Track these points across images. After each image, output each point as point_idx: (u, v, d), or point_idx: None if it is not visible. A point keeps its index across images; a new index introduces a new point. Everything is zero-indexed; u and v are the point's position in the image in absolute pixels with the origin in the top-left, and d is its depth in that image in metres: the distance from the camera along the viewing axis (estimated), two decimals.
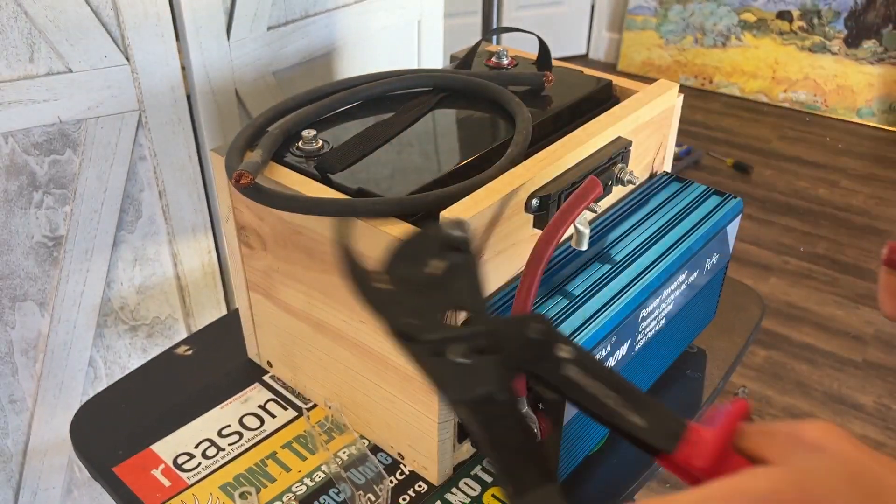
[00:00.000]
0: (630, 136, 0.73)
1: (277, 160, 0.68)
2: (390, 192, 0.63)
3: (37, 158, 0.98)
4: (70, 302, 1.08)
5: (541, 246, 0.56)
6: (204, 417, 0.77)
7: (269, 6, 1.12)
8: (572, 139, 0.68)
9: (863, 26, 2.78)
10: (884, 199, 2.48)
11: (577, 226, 0.66)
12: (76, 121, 0.99)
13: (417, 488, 0.70)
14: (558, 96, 0.79)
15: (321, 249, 0.66)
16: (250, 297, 0.78)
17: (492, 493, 0.70)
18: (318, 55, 1.22)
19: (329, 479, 0.70)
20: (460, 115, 0.77)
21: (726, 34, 3.02)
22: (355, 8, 1.23)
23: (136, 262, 1.13)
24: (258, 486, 0.70)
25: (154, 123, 1.05)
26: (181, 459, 0.73)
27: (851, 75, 2.83)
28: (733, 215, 0.78)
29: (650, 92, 0.77)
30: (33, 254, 1.03)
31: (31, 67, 0.94)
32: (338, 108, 0.76)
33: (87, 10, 0.95)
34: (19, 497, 1.16)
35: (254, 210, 0.70)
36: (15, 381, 1.08)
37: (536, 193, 0.64)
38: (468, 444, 0.72)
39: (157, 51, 1.02)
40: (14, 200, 0.98)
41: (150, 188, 1.09)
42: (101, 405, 0.80)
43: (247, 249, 0.75)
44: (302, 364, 0.77)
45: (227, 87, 1.11)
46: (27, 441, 1.13)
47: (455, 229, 0.39)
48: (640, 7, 3.15)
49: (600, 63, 3.37)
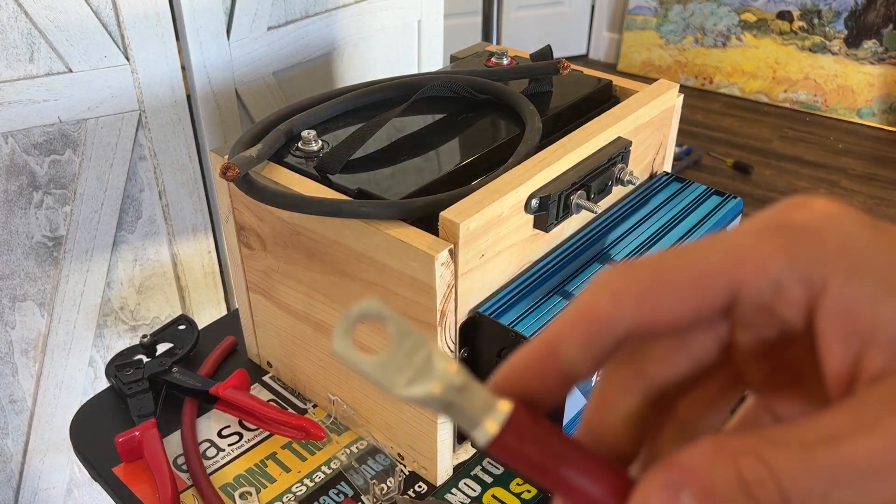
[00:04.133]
0: (630, 136, 0.73)
1: (278, 161, 0.68)
2: (390, 192, 0.63)
3: (37, 158, 0.98)
4: (70, 302, 1.08)
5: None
6: (204, 418, 0.77)
7: (269, 6, 1.12)
8: (572, 139, 0.68)
9: (863, 26, 2.78)
10: (884, 199, 2.48)
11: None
12: (76, 121, 0.99)
13: (417, 489, 0.70)
14: (558, 96, 0.79)
15: (321, 250, 0.66)
16: (250, 297, 0.78)
17: (492, 494, 0.70)
18: (318, 55, 1.22)
19: (329, 480, 0.70)
20: (465, 115, 0.77)
21: (726, 34, 3.02)
22: (355, 8, 1.23)
23: (136, 262, 1.13)
24: (258, 486, 0.70)
25: (154, 123, 1.05)
26: (181, 460, 0.73)
27: (852, 75, 2.83)
28: (733, 215, 0.78)
29: (650, 92, 0.77)
30: (33, 254, 1.03)
31: (31, 67, 0.94)
32: (346, 110, 0.76)
33: (87, 11, 0.95)
34: (19, 497, 1.16)
35: (253, 210, 0.70)
36: (15, 381, 1.08)
37: (536, 193, 0.64)
38: (468, 444, 0.72)
39: (157, 51, 1.02)
40: (14, 200, 0.98)
41: (150, 188, 1.09)
42: (101, 405, 0.80)
43: (246, 250, 0.74)
44: (302, 364, 0.77)
45: (227, 88, 1.11)
46: (27, 441, 1.13)
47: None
48: (640, 7, 3.15)
49: (600, 63, 3.37)
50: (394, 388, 0.21)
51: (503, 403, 0.21)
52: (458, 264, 0.58)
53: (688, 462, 0.19)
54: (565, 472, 0.21)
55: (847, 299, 0.19)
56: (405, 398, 0.21)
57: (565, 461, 0.21)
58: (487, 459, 0.73)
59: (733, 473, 0.18)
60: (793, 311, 0.20)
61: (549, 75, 0.79)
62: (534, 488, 0.70)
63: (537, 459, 0.21)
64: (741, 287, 0.20)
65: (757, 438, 0.19)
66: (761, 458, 0.18)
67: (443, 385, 0.21)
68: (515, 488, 0.70)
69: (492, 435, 0.21)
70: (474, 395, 0.21)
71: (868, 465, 0.17)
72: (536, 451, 0.21)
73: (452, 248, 0.57)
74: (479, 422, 0.21)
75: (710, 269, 0.20)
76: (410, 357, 0.22)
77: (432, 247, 0.57)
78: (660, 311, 0.21)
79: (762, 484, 0.18)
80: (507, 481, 0.71)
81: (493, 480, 0.71)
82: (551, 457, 0.21)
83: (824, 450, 0.18)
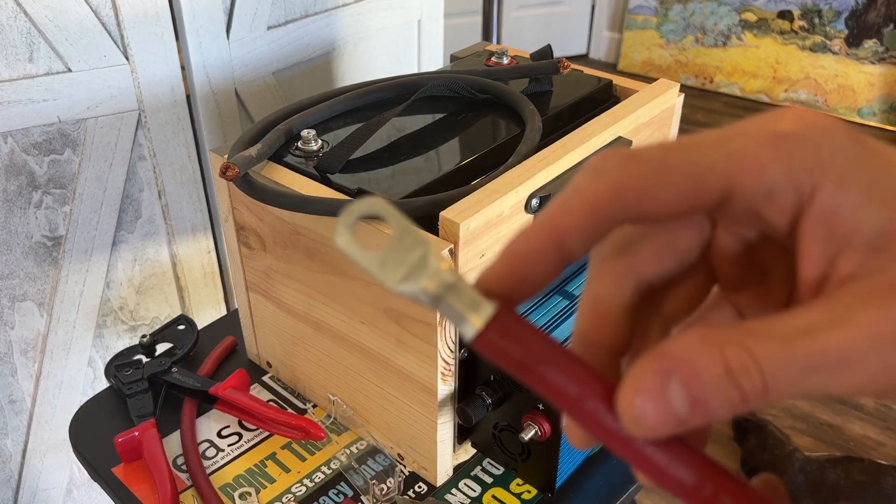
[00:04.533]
0: (630, 135, 0.73)
1: (278, 160, 0.68)
2: (390, 192, 0.63)
3: (36, 158, 0.98)
4: (69, 302, 1.08)
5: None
6: (203, 418, 0.77)
7: (268, 6, 1.12)
8: (572, 139, 0.68)
9: (864, 26, 2.77)
10: None
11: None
12: (75, 120, 0.99)
13: (417, 489, 0.70)
14: (559, 96, 0.78)
15: (321, 250, 0.66)
16: (250, 297, 0.78)
17: (492, 494, 0.69)
18: (318, 55, 1.21)
19: (328, 480, 0.70)
20: (465, 115, 0.76)
21: (727, 34, 3.01)
22: (355, 8, 1.23)
23: (136, 262, 1.13)
24: (258, 486, 0.70)
25: (153, 123, 1.05)
26: (180, 460, 0.72)
27: (852, 75, 2.83)
28: None
29: (650, 91, 0.77)
30: (33, 254, 1.03)
31: (31, 67, 0.94)
32: (345, 110, 0.76)
33: (87, 10, 0.94)
34: (19, 497, 1.16)
35: (253, 210, 0.70)
36: (14, 382, 1.08)
37: (537, 193, 0.63)
38: (468, 444, 0.72)
39: (157, 50, 1.02)
40: (13, 200, 0.98)
41: (150, 188, 1.09)
42: (100, 406, 0.80)
43: (246, 250, 0.74)
44: (302, 365, 0.77)
45: (227, 87, 1.11)
46: (26, 441, 1.13)
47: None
48: (640, 7, 3.15)
49: (601, 63, 3.37)
50: (389, 282, 0.23)
51: (489, 302, 0.23)
52: (459, 264, 0.58)
53: (676, 351, 0.20)
54: (544, 369, 0.22)
55: (832, 205, 0.21)
56: (399, 291, 0.23)
57: (545, 359, 0.22)
58: (487, 460, 0.72)
59: (719, 361, 0.19)
60: (780, 214, 0.21)
61: (549, 75, 0.79)
62: (534, 489, 0.70)
63: (517, 356, 0.22)
64: (736, 188, 0.21)
65: (741, 331, 0.20)
66: (745, 347, 0.19)
67: (435, 281, 0.23)
68: (516, 489, 0.70)
69: (477, 329, 0.22)
70: (463, 293, 0.23)
71: (840, 354, 0.19)
72: (517, 347, 0.22)
73: (452, 247, 0.57)
74: (466, 317, 0.23)
75: (711, 169, 0.21)
76: (407, 254, 0.23)
77: None
78: (659, 204, 0.22)
79: (746, 371, 0.19)
80: (507, 482, 0.71)
81: (493, 481, 0.71)
82: (531, 354, 0.22)
83: (803, 340, 0.19)
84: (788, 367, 0.19)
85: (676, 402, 0.20)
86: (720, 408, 0.20)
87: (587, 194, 0.22)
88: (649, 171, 0.21)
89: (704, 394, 0.19)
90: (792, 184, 0.21)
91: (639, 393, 0.20)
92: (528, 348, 0.22)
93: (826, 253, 0.21)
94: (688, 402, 0.20)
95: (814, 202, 0.21)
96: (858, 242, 0.21)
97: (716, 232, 0.24)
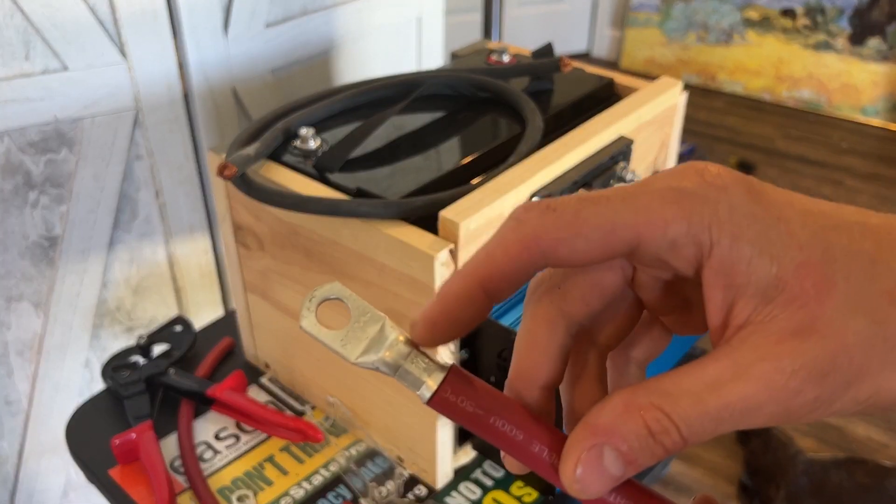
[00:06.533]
0: (632, 134, 0.72)
1: (276, 159, 0.67)
2: (389, 191, 0.62)
3: (32, 157, 0.97)
4: (66, 302, 1.07)
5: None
6: (200, 420, 0.76)
7: (267, 3, 1.11)
8: (573, 138, 0.67)
9: (867, 24, 2.76)
10: (888, 198, 2.47)
11: None
12: (72, 119, 0.98)
13: (417, 492, 0.69)
14: (560, 94, 0.78)
15: (319, 250, 0.65)
16: (248, 298, 0.77)
17: (493, 497, 0.69)
18: (316, 53, 1.20)
19: (327, 483, 0.69)
20: (465, 114, 0.76)
21: (729, 32, 3.00)
22: (354, 5, 1.22)
23: (133, 262, 1.12)
24: (255, 489, 0.69)
25: (151, 122, 1.04)
26: (177, 462, 0.72)
27: (856, 73, 2.82)
28: None
29: (652, 89, 0.76)
30: (29, 254, 1.02)
31: (27, 65, 0.93)
32: (344, 108, 0.75)
33: (84, 8, 0.94)
34: (15, 499, 1.15)
35: (251, 210, 0.69)
36: (10, 383, 1.07)
37: (538, 193, 0.63)
38: (469, 447, 0.71)
39: (154, 49, 1.01)
40: (9, 200, 0.97)
41: (147, 188, 1.08)
42: (97, 407, 0.79)
43: (244, 250, 0.73)
44: (300, 366, 0.76)
45: (225, 86, 1.10)
46: (22, 443, 1.12)
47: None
48: (642, 4, 3.14)
49: (602, 61, 3.36)
50: (350, 357, 0.26)
51: (442, 366, 0.26)
52: (459, 264, 0.57)
53: (605, 423, 0.23)
54: (494, 420, 0.25)
55: (729, 259, 0.23)
56: (360, 364, 0.26)
57: (494, 411, 0.25)
58: (488, 462, 0.72)
59: (642, 427, 0.23)
60: (684, 263, 0.24)
61: (550, 73, 0.78)
62: (535, 491, 0.69)
63: (470, 410, 0.25)
64: (643, 241, 0.24)
65: (658, 393, 0.23)
66: (663, 410, 0.23)
67: (393, 352, 0.26)
68: (516, 491, 0.69)
69: (433, 390, 0.25)
70: (418, 360, 0.26)
71: (744, 405, 0.22)
72: (470, 402, 0.25)
73: (453, 247, 0.56)
74: (422, 381, 0.25)
75: (620, 224, 0.24)
76: (366, 330, 0.26)
77: (432, 247, 0.56)
78: (573, 252, 0.24)
79: (666, 431, 0.23)
80: (507, 484, 0.70)
81: (493, 484, 0.70)
82: (482, 408, 0.25)
83: (710, 396, 0.22)
84: (701, 421, 0.22)
85: (611, 467, 0.23)
86: (648, 461, 0.23)
87: (509, 242, 0.25)
88: (564, 224, 0.24)
89: (633, 455, 0.23)
90: (692, 239, 0.24)
91: (579, 464, 0.23)
92: (478, 403, 0.25)
93: (726, 300, 0.24)
94: (620, 464, 0.23)
95: (712, 255, 0.24)
96: (752, 292, 0.23)
97: (636, 270, 0.27)
